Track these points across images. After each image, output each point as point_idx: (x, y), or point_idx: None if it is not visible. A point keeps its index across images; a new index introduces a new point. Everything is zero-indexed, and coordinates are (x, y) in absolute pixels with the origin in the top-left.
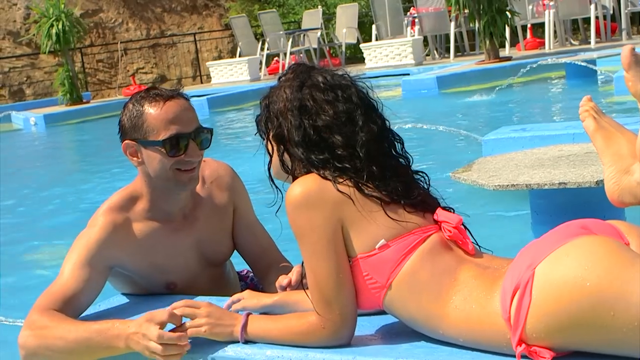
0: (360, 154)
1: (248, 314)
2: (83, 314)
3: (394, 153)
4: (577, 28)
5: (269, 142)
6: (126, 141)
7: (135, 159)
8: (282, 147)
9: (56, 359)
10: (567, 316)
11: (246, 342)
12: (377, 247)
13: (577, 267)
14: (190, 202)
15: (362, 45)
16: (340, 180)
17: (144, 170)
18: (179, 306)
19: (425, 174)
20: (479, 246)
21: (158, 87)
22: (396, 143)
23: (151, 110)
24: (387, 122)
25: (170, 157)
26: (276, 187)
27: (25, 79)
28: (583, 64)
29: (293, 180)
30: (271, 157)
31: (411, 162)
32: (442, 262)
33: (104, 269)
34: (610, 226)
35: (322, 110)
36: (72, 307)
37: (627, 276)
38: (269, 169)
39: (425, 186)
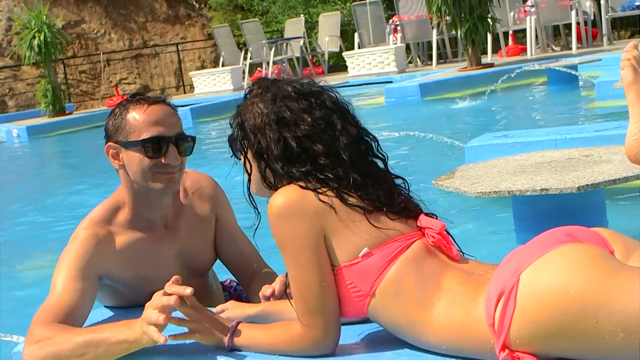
0: (344, 157)
1: (238, 322)
2: None
3: (372, 154)
4: (558, 34)
5: (246, 161)
6: (109, 143)
7: (116, 161)
8: (262, 163)
9: None
10: (551, 323)
11: (232, 350)
12: (360, 255)
13: (561, 275)
14: (172, 212)
15: (344, 54)
16: (322, 190)
17: (125, 174)
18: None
19: (405, 180)
20: (463, 252)
21: (144, 94)
22: (372, 143)
23: (134, 113)
24: (360, 123)
25: (149, 159)
26: (255, 207)
27: (7, 90)
28: (565, 69)
29: None
30: (250, 175)
31: (386, 159)
32: (426, 268)
33: (93, 279)
34: (595, 234)
35: (300, 120)
36: (71, 319)
37: (611, 284)
38: (248, 187)
39: (406, 192)
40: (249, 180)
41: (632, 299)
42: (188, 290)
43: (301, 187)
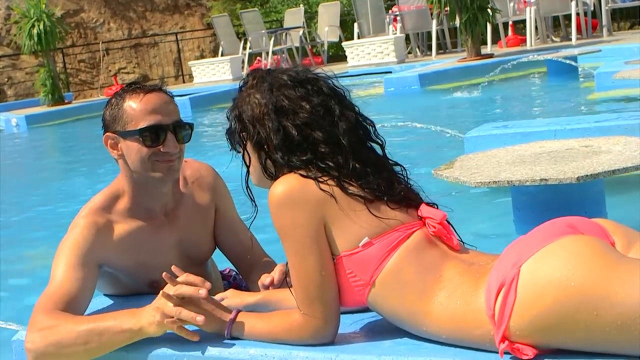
0: (344, 142)
1: (238, 311)
2: None
3: (370, 139)
4: (558, 25)
5: (245, 153)
6: (107, 133)
7: (115, 151)
8: (262, 153)
9: (67, 355)
10: (551, 315)
11: (232, 337)
12: (360, 244)
13: (562, 267)
14: (171, 201)
15: (344, 44)
16: (323, 179)
17: (124, 164)
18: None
19: (403, 167)
20: (463, 242)
21: (140, 83)
22: (369, 128)
23: (131, 102)
24: (357, 108)
25: (148, 148)
26: (252, 199)
27: (6, 79)
28: (564, 60)
29: None
30: (248, 167)
31: (384, 144)
32: (427, 258)
33: (93, 267)
34: (596, 225)
35: (299, 107)
36: (73, 307)
37: (611, 276)
38: (246, 180)
39: (405, 180)
40: (248, 172)
41: (632, 292)
42: (207, 285)
43: (302, 175)
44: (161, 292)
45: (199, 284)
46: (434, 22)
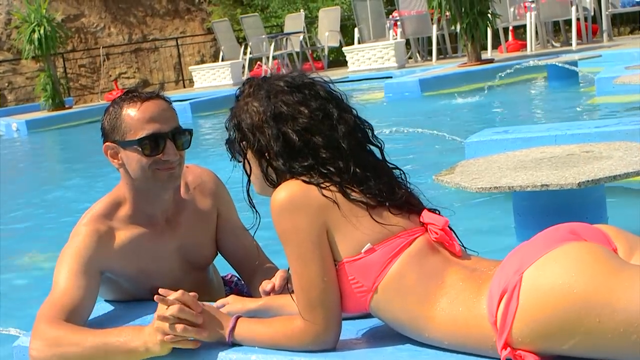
0: (344, 146)
1: (238, 317)
2: None
3: (369, 141)
4: (558, 30)
5: (246, 162)
6: (106, 143)
7: (115, 161)
8: (264, 161)
9: None
10: (553, 322)
11: (233, 344)
12: (362, 251)
13: (564, 274)
14: (173, 207)
15: (344, 49)
16: (325, 185)
17: (125, 172)
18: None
19: (402, 170)
20: (465, 248)
21: (137, 90)
22: (367, 131)
23: (129, 110)
24: (355, 111)
25: (147, 157)
26: (253, 206)
27: (6, 84)
28: (565, 65)
29: None
30: (249, 176)
31: (383, 146)
32: (429, 264)
33: (95, 274)
34: (598, 231)
35: (297, 113)
36: (76, 315)
37: (613, 283)
38: (247, 189)
39: (405, 184)
40: (249, 181)
41: (635, 298)
42: (198, 308)
43: (304, 181)
44: (156, 314)
45: (192, 306)
46: (435, 27)
